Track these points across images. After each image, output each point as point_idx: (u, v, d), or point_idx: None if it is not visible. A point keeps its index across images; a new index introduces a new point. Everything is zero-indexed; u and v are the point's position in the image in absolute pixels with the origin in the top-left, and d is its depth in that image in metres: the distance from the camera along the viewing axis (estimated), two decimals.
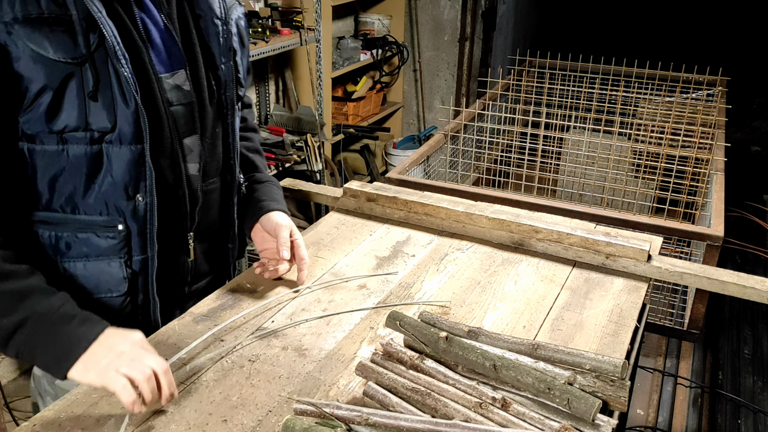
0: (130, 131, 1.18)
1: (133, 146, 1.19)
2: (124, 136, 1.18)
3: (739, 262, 3.69)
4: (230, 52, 1.35)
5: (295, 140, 3.50)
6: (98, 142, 1.17)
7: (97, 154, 1.18)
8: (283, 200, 1.53)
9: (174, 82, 1.26)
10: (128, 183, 1.21)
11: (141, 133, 1.19)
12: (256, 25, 3.27)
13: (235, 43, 1.36)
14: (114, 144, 1.18)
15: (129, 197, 1.22)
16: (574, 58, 3.65)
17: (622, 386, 1.03)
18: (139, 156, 1.20)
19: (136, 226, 1.23)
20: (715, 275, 1.47)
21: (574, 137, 2.98)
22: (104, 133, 1.17)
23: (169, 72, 1.26)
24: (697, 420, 2.60)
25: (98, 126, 1.16)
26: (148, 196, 1.23)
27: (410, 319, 1.16)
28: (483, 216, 1.63)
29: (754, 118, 6.40)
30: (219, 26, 1.33)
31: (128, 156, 1.19)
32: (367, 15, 4.68)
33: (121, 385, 1.01)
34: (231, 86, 1.36)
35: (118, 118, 1.16)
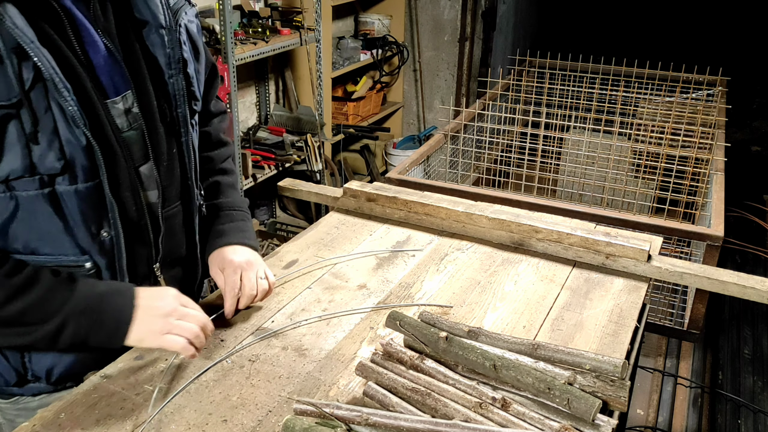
0: (83, 168, 1.09)
1: (89, 183, 1.10)
2: (77, 174, 1.09)
3: (739, 262, 3.69)
4: (179, 64, 1.22)
5: (295, 140, 3.50)
6: (50, 184, 1.08)
7: (50, 197, 1.09)
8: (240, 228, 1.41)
9: (123, 107, 1.16)
10: (90, 220, 1.13)
11: (96, 168, 1.10)
12: (255, 25, 3.27)
13: (185, 52, 1.23)
14: (67, 183, 1.09)
15: (93, 234, 1.14)
16: (574, 58, 3.65)
17: (622, 386, 1.03)
18: (97, 191, 1.12)
19: (105, 261, 1.17)
20: (715, 275, 1.47)
21: (574, 137, 2.98)
22: (54, 175, 1.07)
23: (115, 96, 1.15)
24: (697, 420, 2.60)
25: (47, 169, 1.06)
26: (113, 230, 1.15)
27: (410, 319, 1.16)
28: (483, 216, 1.63)
29: (754, 118, 6.40)
30: (164, 36, 1.20)
31: (85, 193, 1.11)
32: (367, 15, 4.68)
33: (181, 346, 1.12)
34: (182, 102, 1.24)
35: (69, 157, 1.07)
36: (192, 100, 1.28)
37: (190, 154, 1.30)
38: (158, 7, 1.20)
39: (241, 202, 1.48)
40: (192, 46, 1.27)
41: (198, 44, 1.30)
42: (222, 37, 2.86)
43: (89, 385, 1.13)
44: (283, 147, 3.46)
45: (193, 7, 1.29)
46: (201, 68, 1.32)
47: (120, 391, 1.11)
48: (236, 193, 1.50)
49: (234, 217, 1.43)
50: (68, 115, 1.05)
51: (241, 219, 1.44)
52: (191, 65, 1.26)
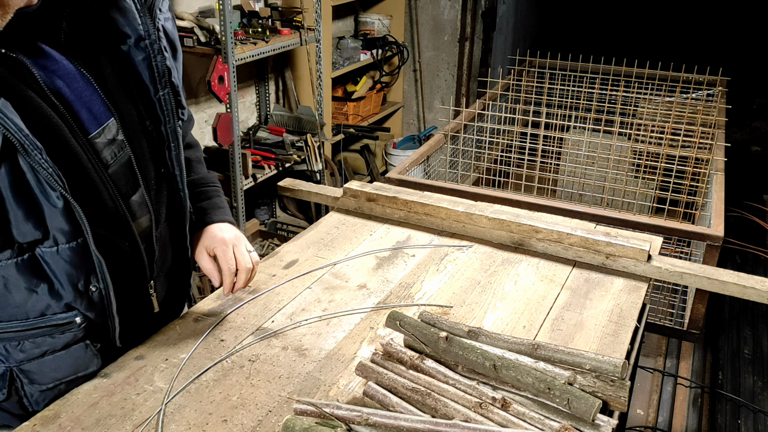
0: (64, 230, 1.02)
1: (72, 243, 1.04)
2: (59, 237, 1.02)
3: (739, 262, 3.69)
4: (164, 77, 1.14)
5: (295, 140, 3.51)
6: (29, 250, 1.02)
7: (31, 263, 1.03)
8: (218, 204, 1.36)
9: (106, 138, 1.08)
10: (77, 279, 1.07)
11: (79, 228, 1.03)
12: (255, 25, 3.27)
13: (168, 60, 1.14)
14: (50, 247, 1.03)
15: (81, 292, 1.09)
16: (574, 58, 3.65)
17: (622, 386, 1.03)
18: (83, 250, 1.05)
19: (95, 313, 1.12)
20: (715, 275, 1.47)
21: (574, 137, 2.98)
22: (34, 243, 1.02)
23: (97, 128, 1.07)
24: (697, 420, 2.60)
25: (25, 239, 1.00)
26: (101, 283, 1.09)
27: (410, 319, 1.16)
28: (483, 216, 1.63)
29: (754, 118, 6.40)
30: (147, 48, 1.11)
31: (69, 254, 1.04)
32: (367, 15, 4.68)
33: None
34: (171, 116, 1.17)
35: (48, 222, 1.00)
36: (179, 109, 1.20)
37: (181, 165, 1.23)
38: (135, 16, 1.09)
39: (211, 177, 1.42)
40: (171, 46, 1.18)
41: (175, 42, 1.21)
42: (222, 37, 2.86)
43: (89, 385, 1.13)
44: (283, 147, 3.46)
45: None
46: (180, 66, 1.24)
47: (120, 391, 1.11)
48: (203, 168, 1.43)
49: (209, 193, 1.38)
50: (43, 178, 0.97)
51: (216, 195, 1.39)
52: (174, 71, 1.18)
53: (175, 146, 1.20)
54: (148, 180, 1.17)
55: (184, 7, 3.15)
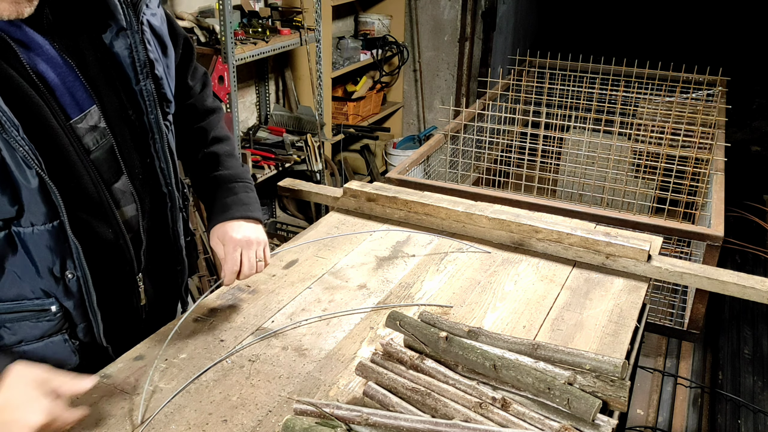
0: (40, 211, 1.02)
1: (48, 225, 1.04)
2: (35, 216, 1.03)
3: (739, 262, 3.69)
4: (146, 67, 1.15)
5: (295, 140, 3.51)
6: (5, 228, 1.03)
7: (6, 240, 1.03)
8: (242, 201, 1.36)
9: (87, 124, 1.09)
10: (52, 263, 1.07)
11: (55, 209, 1.03)
12: (256, 25, 3.27)
13: (151, 53, 1.15)
14: (25, 226, 1.03)
15: (57, 277, 1.08)
16: (574, 58, 3.65)
17: (622, 386, 1.03)
18: (59, 233, 1.05)
19: (72, 303, 1.12)
20: (715, 275, 1.47)
21: (574, 137, 2.98)
22: (10, 219, 1.02)
23: (79, 114, 1.08)
24: (697, 420, 2.60)
25: (1, 215, 1.01)
26: (78, 271, 1.09)
27: (410, 319, 1.16)
28: (483, 216, 1.63)
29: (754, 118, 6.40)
30: (128, 38, 1.12)
31: (45, 236, 1.04)
32: (367, 15, 4.68)
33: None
34: (153, 107, 1.17)
35: (24, 200, 1.01)
36: (163, 102, 1.21)
37: (167, 160, 1.23)
38: (117, 7, 1.11)
39: (242, 172, 1.42)
40: (158, 42, 1.19)
41: (164, 39, 1.21)
42: (222, 37, 2.86)
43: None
44: (283, 147, 3.46)
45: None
46: (171, 63, 1.25)
47: (120, 391, 1.11)
48: (235, 161, 1.43)
49: (236, 189, 1.38)
50: (19, 156, 0.98)
51: (244, 191, 1.38)
52: (159, 65, 1.18)
53: (158, 138, 1.20)
54: (132, 169, 1.17)
55: (184, 7, 3.15)
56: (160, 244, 1.29)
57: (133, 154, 1.18)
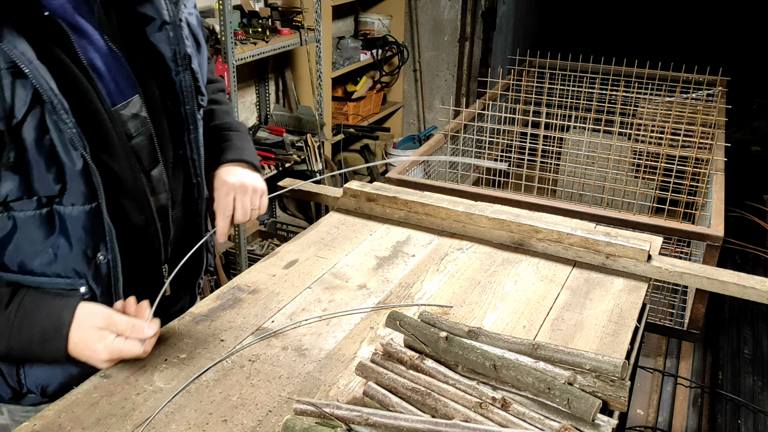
0: (81, 191, 1.07)
1: (86, 206, 1.08)
2: (75, 196, 1.07)
3: (739, 262, 3.69)
4: (185, 60, 1.21)
5: (295, 140, 3.51)
6: (48, 205, 1.07)
7: (47, 218, 1.08)
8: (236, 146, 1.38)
9: (130, 112, 1.15)
10: (86, 244, 1.11)
11: (94, 191, 1.08)
12: (256, 25, 3.27)
13: (189, 48, 1.22)
14: (66, 206, 1.07)
15: (89, 258, 1.12)
16: (574, 58, 3.65)
17: (622, 386, 1.03)
18: (96, 215, 1.10)
19: (100, 287, 1.15)
20: (715, 275, 1.47)
21: (574, 137, 2.98)
22: (53, 197, 1.06)
23: (122, 102, 1.14)
24: (697, 420, 2.60)
25: (45, 192, 1.05)
26: (110, 254, 1.13)
27: (410, 319, 1.16)
28: (483, 216, 1.63)
29: (754, 118, 6.40)
30: (168, 32, 1.18)
31: (83, 217, 1.09)
32: (367, 15, 4.69)
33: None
34: (190, 99, 1.23)
35: (67, 180, 1.05)
36: (198, 95, 1.26)
37: (199, 151, 1.28)
38: (161, 2, 1.18)
39: (238, 124, 1.45)
40: (194, 40, 1.26)
41: (199, 37, 1.29)
42: (222, 37, 2.86)
43: (89, 385, 1.13)
44: (283, 147, 3.46)
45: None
46: (203, 61, 1.31)
47: (120, 391, 1.11)
48: (231, 118, 1.46)
49: (230, 136, 1.40)
50: (66, 137, 1.03)
51: (239, 138, 1.41)
52: (195, 60, 1.24)
53: (193, 129, 1.25)
54: (167, 158, 1.22)
55: None
56: (186, 237, 1.32)
57: (169, 144, 1.23)
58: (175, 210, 1.26)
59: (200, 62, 1.28)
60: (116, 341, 1.08)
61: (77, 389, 1.11)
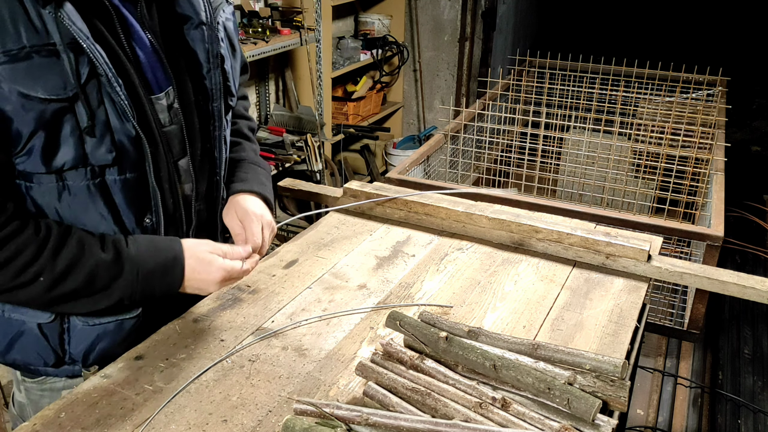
0: (131, 159, 1.14)
1: (135, 173, 1.16)
2: (126, 164, 1.14)
3: (739, 262, 3.69)
4: (217, 59, 1.27)
5: (295, 140, 3.51)
6: (100, 175, 1.13)
7: (99, 185, 1.14)
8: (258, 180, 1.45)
9: (165, 102, 1.21)
10: (134, 208, 1.19)
11: (143, 158, 1.16)
12: (256, 25, 3.27)
13: (222, 49, 1.28)
14: (116, 175, 1.14)
15: (137, 221, 1.20)
16: (574, 58, 3.65)
17: (622, 386, 1.03)
18: (143, 180, 1.17)
19: None
20: (715, 275, 1.47)
21: (574, 137, 2.98)
22: (105, 166, 1.13)
23: (159, 92, 1.20)
24: (697, 420, 2.60)
25: (98, 161, 1.11)
26: (155, 216, 1.21)
27: (410, 319, 1.16)
28: (483, 216, 1.63)
29: (754, 118, 6.40)
30: (204, 32, 1.24)
31: (132, 183, 1.16)
32: (367, 15, 4.68)
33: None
34: (218, 97, 1.29)
35: (119, 149, 1.12)
36: (228, 95, 1.32)
37: (222, 149, 1.34)
38: (200, 4, 1.24)
39: (263, 162, 1.53)
40: (229, 43, 1.32)
41: (234, 42, 1.35)
42: None
43: (89, 385, 1.13)
44: (283, 147, 3.46)
45: (230, 5, 1.34)
46: (237, 65, 1.37)
47: (120, 391, 1.11)
48: (258, 156, 1.54)
49: (257, 171, 1.48)
50: (119, 108, 1.09)
51: (264, 176, 1.49)
52: (228, 61, 1.30)
53: (218, 126, 1.31)
54: (195, 150, 1.28)
55: None
56: (205, 231, 1.37)
57: (197, 137, 1.28)
58: (198, 202, 1.32)
59: (233, 65, 1.34)
60: (226, 261, 1.21)
61: (77, 389, 1.12)
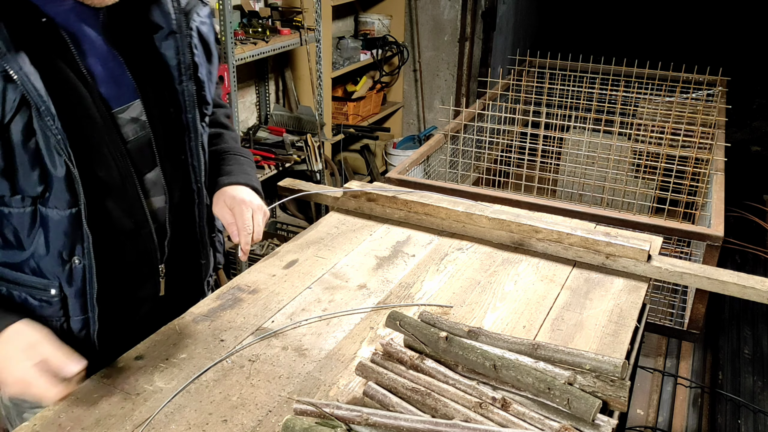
0: (63, 197, 1.09)
1: (66, 211, 1.10)
2: (57, 200, 1.09)
3: (739, 262, 3.69)
4: (189, 70, 1.22)
5: (295, 140, 3.51)
6: (32, 204, 1.10)
7: (30, 215, 1.11)
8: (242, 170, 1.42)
9: (129, 116, 1.17)
10: (63, 247, 1.13)
11: (76, 197, 1.10)
12: (256, 25, 3.27)
13: (196, 57, 1.23)
14: (48, 207, 1.10)
15: (64, 261, 1.14)
16: (574, 58, 3.65)
17: (622, 386, 1.03)
18: (75, 220, 1.11)
19: (73, 290, 1.16)
20: (715, 275, 1.47)
21: (574, 137, 2.98)
22: (36, 198, 1.09)
23: (121, 105, 1.16)
24: (697, 420, 2.60)
25: (29, 192, 1.08)
26: (86, 259, 1.14)
27: (410, 319, 1.16)
28: (483, 216, 1.63)
29: (754, 118, 6.40)
30: (177, 41, 1.20)
31: (63, 221, 1.11)
32: (367, 15, 4.68)
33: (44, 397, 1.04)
34: (192, 107, 1.24)
35: (50, 183, 1.08)
36: (203, 104, 1.27)
37: (199, 158, 1.29)
38: (169, 13, 1.20)
39: (245, 151, 1.49)
40: (204, 48, 1.27)
41: (210, 46, 1.30)
42: (222, 37, 2.86)
43: (89, 385, 1.13)
44: (283, 147, 3.46)
45: (206, 6, 1.28)
46: (213, 69, 1.32)
47: (120, 391, 1.11)
48: (238, 144, 1.51)
49: (240, 161, 1.44)
50: (52, 143, 1.05)
51: (247, 164, 1.46)
52: (202, 68, 1.26)
53: (194, 137, 1.27)
54: (166, 162, 1.24)
55: None
56: (186, 238, 1.34)
57: (169, 149, 1.24)
58: (173, 213, 1.27)
59: (210, 70, 1.29)
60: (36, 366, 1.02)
61: (77, 389, 1.11)
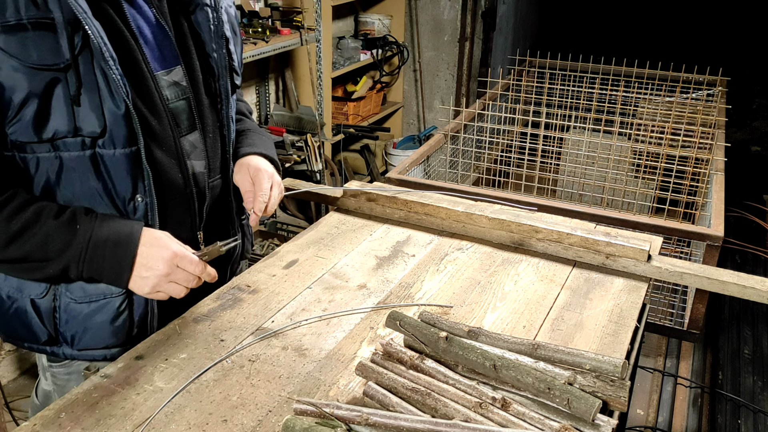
0: (122, 134, 1.16)
1: (127, 149, 1.17)
2: (117, 139, 1.16)
3: (739, 262, 3.69)
4: (222, 40, 1.34)
5: (295, 140, 3.51)
6: (91, 146, 1.16)
7: (91, 158, 1.16)
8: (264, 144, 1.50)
9: (171, 79, 1.26)
10: (125, 185, 1.20)
11: (134, 135, 1.17)
12: (256, 25, 3.27)
13: (227, 30, 1.35)
14: (107, 147, 1.16)
15: (128, 199, 1.21)
16: (574, 58, 3.65)
17: (622, 386, 1.03)
18: (135, 158, 1.19)
19: None
20: (715, 275, 1.47)
21: (574, 137, 2.98)
22: (95, 138, 1.15)
23: (164, 69, 1.25)
24: (697, 420, 2.60)
25: (88, 130, 1.14)
26: (148, 197, 1.22)
27: (410, 319, 1.16)
28: (483, 216, 1.63)
29: (754, 118, 6.40)
30: (209, 13, 1.31)
31: (123, 159, 1.18)
32: (367, 15, 4.68)
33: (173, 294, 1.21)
34: (224, 75, 1.35)
35: (108, 122, 1.14)
36: (233, 73, 1.38)
37: (230, 127, 1.39)
38: None
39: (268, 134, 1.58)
40: (231, 27, 1.38)
41: (235, 27, 1.42)
42: None
43: (89, 384, 1.13)
44: (284, 147, 3.46)
45: None
46: (239, 49, 1.43)
47: (120, 391, 1.11)
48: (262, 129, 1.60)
49: (263, 139, 1.52)
50: (111, 82, 1.12)
51: (268, 139, 1.54)
52: (231, 42, 1.37)
53: (225, 105, 1.36)
54: (205, 125, 1.33)
55: None
56: (221, 207, 1.40)
57: (207, 114, 1.34)
58: (212, 178, 1.35)
59: (236, 48, 1.40)
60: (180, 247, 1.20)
61: (77, 389, 1.12)
